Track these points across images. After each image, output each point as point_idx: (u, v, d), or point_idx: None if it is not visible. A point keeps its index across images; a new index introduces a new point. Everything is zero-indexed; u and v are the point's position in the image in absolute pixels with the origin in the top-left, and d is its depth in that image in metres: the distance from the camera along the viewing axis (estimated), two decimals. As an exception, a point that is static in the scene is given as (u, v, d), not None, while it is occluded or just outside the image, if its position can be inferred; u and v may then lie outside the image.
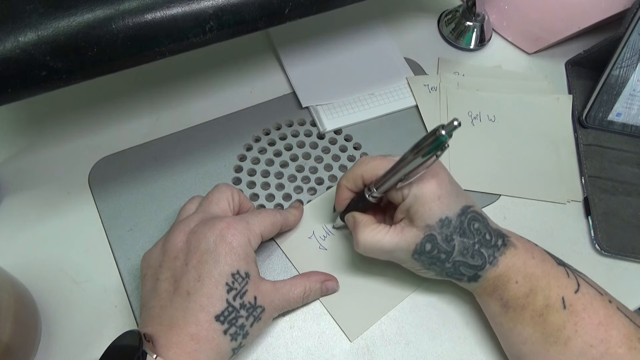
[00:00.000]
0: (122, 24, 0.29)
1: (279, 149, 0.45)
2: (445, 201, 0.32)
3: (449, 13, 0.55)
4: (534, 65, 0.54)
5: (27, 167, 0.43)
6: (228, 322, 0.30)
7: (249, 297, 0.31)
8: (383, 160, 0.34)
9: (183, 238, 0.32)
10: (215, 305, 0.30)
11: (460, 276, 0.34)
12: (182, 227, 0.33)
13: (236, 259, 0.31)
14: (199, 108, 0.47)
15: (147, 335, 0.29)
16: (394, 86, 0.49)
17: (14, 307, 0.32)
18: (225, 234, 0.31)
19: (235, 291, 0.30)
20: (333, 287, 0.38)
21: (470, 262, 0.33)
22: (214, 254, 0.31)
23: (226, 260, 0.31)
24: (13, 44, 0.27)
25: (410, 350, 0.37)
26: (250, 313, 0.31)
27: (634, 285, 0.42)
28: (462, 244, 0.33)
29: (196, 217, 0.33)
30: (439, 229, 0.32)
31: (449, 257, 0.33)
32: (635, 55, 0.47)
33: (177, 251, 0.32)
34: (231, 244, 0.31)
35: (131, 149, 0.44)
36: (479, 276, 0.33)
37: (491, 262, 0.33)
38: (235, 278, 0.31)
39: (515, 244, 0.34)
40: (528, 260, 0.33)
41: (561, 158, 0.47)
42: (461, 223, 0.33)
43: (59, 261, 0.39)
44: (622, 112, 0.49)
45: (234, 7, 0.32)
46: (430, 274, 0.35)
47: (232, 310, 0.30)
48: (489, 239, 0.33)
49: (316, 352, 0.36)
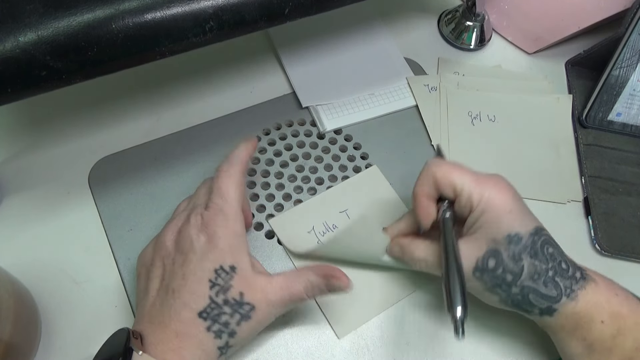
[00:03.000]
0: (122, 24, 0.29)
1: (279, 149, 0.45)
2: (517, 216, 0.30)
3: (449, 13, 0.55)
4: (534, 65, 0.54)
5: (27, 167, 0.43)
6: (211, 318, 0.30)
7: (233, 293, 0.30)
8: (455, 166, 0.33)
9: (172, 237, 0.32)
10: (198, 301, 0.30)
11: (530, 307, 0.31)
12: (171, 226, 0.33)
13: (219, 254, 0.31)
14: (199, 108, 0.47)
15: (136, 332, 0.29)
16: (394, 86, 0.49)
17: (14, 307, 0.32)
18: (205, 229, 0.31)
19: (219, 287, 0.30)
20: (340, 285, 0.32)
21: (542, 291, 0.30)
22: (199, 251, 0.31)
23: (208, 257, 0.30)
24: (13, 44, 0.27)
25: (410, 350, 0.37)
26: (235, 310, 0.30)
27: (634, 286, 0.41)
28: (533, 267, 0.30)
29: (184, 214, 0.33)
30: (506, 245, 0.30)
31: (516, 279, 0.30)
32: (635, 55, 0.47)
33: (166, 250, 0.32)
34: (212, 239, 0.31)
35: (131, 149, 0.44)
36: (554, 310, 0.30)
37: (569, 295, 0.30)
38: (218, 274, 0.30)
39: (594, 279, 0.31)
40: (611, 297, 0.31)
41: (561, 158, 0.47)
42: (533, 243, 0.30)
43: (59, 261, 0.38)
44: (622, 112, 0.49)
45: (234, 7, 0.32)
46: (495, 298, 0.32)
47: (214, 307, 0.30)
48: (566, 269, 0.31)
49: (316, 352, 0.36)
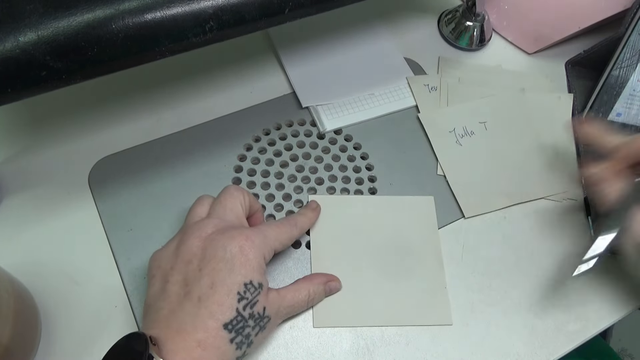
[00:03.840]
0: (122, 24, 0.29)
1: (279, 149, 0.45)
2: None
3: (449, 13, 0.55)
4: (534, 65, 0.54)
5: (27, 167, 0.43)
6: (235, 331, 0.30)
7: (259, 307, 0.31)
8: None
9: (199, 244, 0.32)
10: (225, 313, 0.29)
11: None
12: (198, 232, 0.32)
13: (250, 270, 0.31)
14: (199, 108, 0.47)
15: (152, 338, 0.28)
16: (394, 86, 0.49)
17: (14, 307, 0.32)
18: (243, 247, 0.31)
19: (246, 301, 0.30)
20: (336, 287, 0.38)
21: None
22: (230, 263, 0.30)
23: (240, 271, 0.30)
24: (13, 44, 0.27)
25: (410, 350, 0.37)
26: (257, 323, 0.31)
27: (634, 285, 0.42)
28: None
29: (211, 223, 0.33)
30: None
31: None
32: (635, 55, 0.47)
33: (191, 256, 0.31)
34: (247, 256, 0.31)
35: (131, 149, 0.44)
36: None
37: None
38: (247, 288, 0.31)
39: None
40: None
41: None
42: None
43: (59, 261, 0.39)
44: (622, 112, 0.49)
45: (234, 7, 0.32)
46: None
47: (240, 320, 0.30)
48: None
49: (316, 352, 0.36)
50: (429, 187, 0.44)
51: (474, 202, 0.43)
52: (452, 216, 0.43)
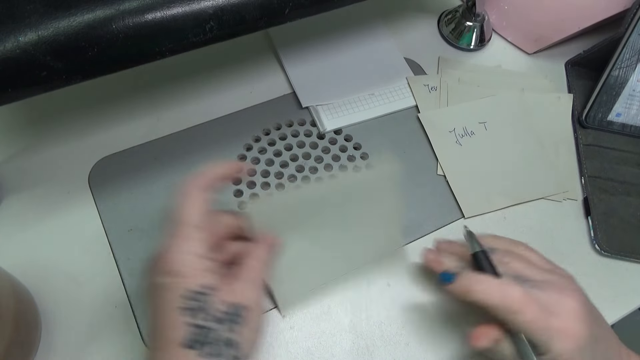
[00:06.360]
0: (122, 24, 0.29)
1: (279, 149, 0.45)
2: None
3: (449, 13, 0.55)
4: (534, 65, 0.54)
5: (27, 167, 0.43)
6: (199, 343, 0.28)
7: (216, 306, 0.29)
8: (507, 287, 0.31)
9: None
10: (177, 332, 0.28)
11: None
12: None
13: (182, 282, 0.28)
14: (199, 108, 0.47)
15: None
16: (394, 86, 0.49)
17: (14, 307, 0.32)
18: (162, 266, 0.29)
19: (192, 310, 0.28)
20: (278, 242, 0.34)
21: None
22: (160, 287, 0.29)
23: (171, 289, 0.29)
24: (13, 44, 0.27)
25: (410, 350, 0.37)
26: (222, 322, 0.28)
27: (634, 285, 0.42)
28: None
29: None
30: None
31: None
32: (635, 56, 0.47)
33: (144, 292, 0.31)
34: (170, 271, 0.29)
35: (131, 149, 0.44)
36: None
37: None
38: (187, 298, 0.28)
39: None
40: None
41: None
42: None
43: (59, 261, 0.39)
44: (621, 112, 0.49)
45: (234, 7, 0.32)
46: None
47: (198, 330, 0.28)
48: None
49: (316, 352, 0.36)
50: (429, 187, 0.44)
51: (474, 202, 0.44)
52: (452, 216, 0.43)
